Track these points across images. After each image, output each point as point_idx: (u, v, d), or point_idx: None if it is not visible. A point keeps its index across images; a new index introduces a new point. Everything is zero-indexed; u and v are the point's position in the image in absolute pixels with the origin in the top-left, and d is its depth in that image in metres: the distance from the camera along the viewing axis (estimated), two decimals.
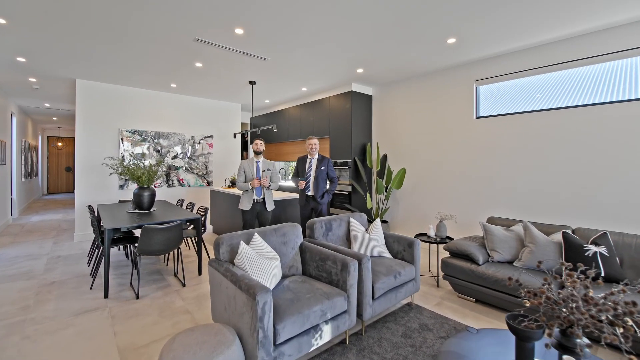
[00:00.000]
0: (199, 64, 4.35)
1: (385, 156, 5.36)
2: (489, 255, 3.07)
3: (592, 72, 3.40)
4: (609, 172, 3.22)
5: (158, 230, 3.08)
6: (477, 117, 4.28)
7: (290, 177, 7.72)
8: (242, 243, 2.13)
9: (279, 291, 2.12)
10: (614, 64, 3.27)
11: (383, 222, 5.16)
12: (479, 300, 3.00)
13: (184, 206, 5.90)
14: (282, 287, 2.18)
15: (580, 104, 3.46)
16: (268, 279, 2.09)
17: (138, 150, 5.70)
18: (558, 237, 2.88)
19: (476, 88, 4.30)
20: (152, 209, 4.09)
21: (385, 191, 5.07)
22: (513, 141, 3.90)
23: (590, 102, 3.39)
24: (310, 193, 3.81)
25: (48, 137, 12.86)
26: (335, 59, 4.12)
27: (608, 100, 3.28)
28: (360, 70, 4.62)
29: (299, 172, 3.98)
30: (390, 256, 2.97)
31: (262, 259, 2.12)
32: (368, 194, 4.96)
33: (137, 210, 3.95)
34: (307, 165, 3.87)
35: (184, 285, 3.36)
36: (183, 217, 3.60)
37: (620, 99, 3.21)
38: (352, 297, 2.23)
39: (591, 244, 2.70)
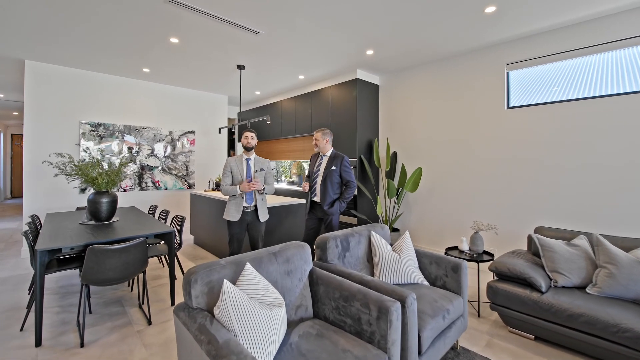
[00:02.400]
0: (174, 40, 3.53)
1: (395, 154, 4.65)
2: (550, 279, 2.38)
3: None
4: None
5: (111, 252, 2.25)
6: (509, 108, 3.62)
7: (282, 177, 6.93)
8: (226, 284, 1.35)
9: (286, 358, 1.35)
10: None
11: (394, 230, 4.44)
12: (540, 337, 2.30)
13: (157, 215, 5.03)
14: (290, 350, 1.41)
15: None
16: (269, 342, 1.31)
17: (104, 147, 4.80)
18: None
19: (507, 73, 3.64)
20: (113, 219, 3.23)
21: (397, 194, 4.36)
22: (555, 135, 3.25)
23: None
24: (316, 199, 3.02)
25: (12, 134, 11.61)
26: (343, 35, 3.38)
27: None
28: (370, 52, 3.89)
29: (309, 173, 3.19)
30: (427, 283, 2.24)
31: (259, 308, 1.34)
32: (379, 198, 4.23)
33: (92, 222, 3.09)
34: (316, 164, 3.09)
35: (149, 322, 2.53)
36: (151, 230, 2.78)
37: None
38: (395, 359, 1.48)
39: None
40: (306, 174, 3.07)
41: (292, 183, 6.36)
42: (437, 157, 4.24)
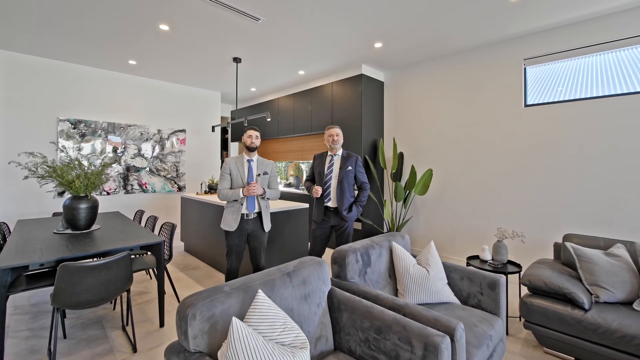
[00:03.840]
0: (164, 26, 3.17)
1: (401, 155, 4.38)
2: (590, 293, 2.14)
3: None
4: None
5: (87, 270, 1.90)
6: (527, 106, 3.40)
7: (282, 180, 6.59)
8: (235, 323, 1.03)
9: None
10: None
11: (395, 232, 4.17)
12: (581, 359, 2.05)
13: (143, 221, 4.65)
14: None
15: None
16: None
17: (83, 146, 4.38)
18: None
19: (525, 69, 3.42)
20: (93, 227, 2.85)
21: (405, 198, 4.09)
22: (579, 135, 3.04)
23: None
24: (330, 204, 2.70)
25: None
26: (351, 25, 3.09)
27: None
28: (378, 45, 3.62)
29: (315, 175, 2.87)
30: (459, 301, 1.96)
31: (278, 354, 1.03)
32: (386, 202, 3.95)
33: (68, 231, 2.71)
34: (327, 165, 2.75)
35: (134, 348, 2.18)
36: (136, 240, 2.42)
37: None
38: None
39: None
40: (305, 176, 2.73)
41: (289, 185, 6.04)
42: (447, 158, 3.99)
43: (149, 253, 3.02)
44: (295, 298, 1.42)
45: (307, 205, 3.60)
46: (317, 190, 2.65)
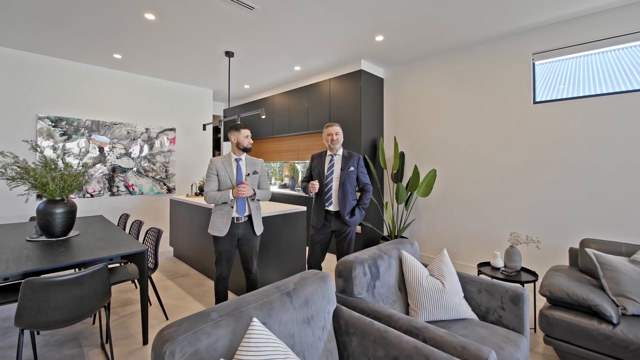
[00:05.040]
0: (150, 16, 2.93)
1: (402, 154, 4.19)
2: (617, 305, 1.96)
3: None
4: None
5: (56, 286, 1.65)
6: (536, 102, 3.23)
7: (273, 180, 6.35)
8: None
9: None
10: None
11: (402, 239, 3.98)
12: None
13: (127, 227, 4.38)
14: None
15: None
16: None
17: (66, 145, 4.10)
18: None
19: (533, 64, 3.26)
20: (71, 233, 2.60)
21: (407, 200, 3.89)
22: (593, 133, 2.88)
23: None
24: (331, 208, 2.48)
25: None
26: (351, 16, 2.88)
27: None
28: (379, 38, 3.42)
29: (314, 177, 2.63)
30: (476, 317, 1.76)
31: None
32: (387, 203, 3.75)
33: (43, 238, 2.46)
34: (327, 166, 2.53)
35: None
36: (117, 249, 2.18)
37: None
38: None
39: None
40: (301, 177, 2.54)
41: (284, 186, 5.82)
42: (451, 158, 3.80)
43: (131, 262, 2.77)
44: (296, 322, 1.21)
45: (304, 208, 3.38)
46: (314, 185, 2.42)
